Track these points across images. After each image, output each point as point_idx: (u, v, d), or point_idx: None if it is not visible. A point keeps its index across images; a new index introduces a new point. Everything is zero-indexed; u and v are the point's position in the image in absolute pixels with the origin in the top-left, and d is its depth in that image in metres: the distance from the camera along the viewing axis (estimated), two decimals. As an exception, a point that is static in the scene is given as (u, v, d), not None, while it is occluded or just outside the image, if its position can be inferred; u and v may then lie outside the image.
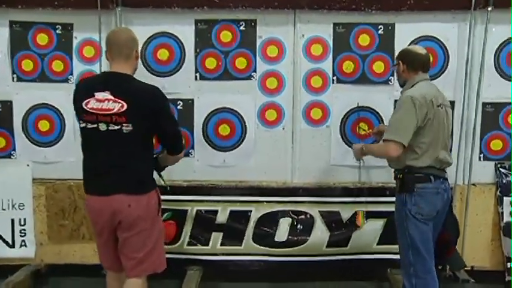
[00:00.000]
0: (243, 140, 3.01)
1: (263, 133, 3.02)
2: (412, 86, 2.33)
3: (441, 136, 2.30)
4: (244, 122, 2.99)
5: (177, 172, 2.95)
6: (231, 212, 3.01)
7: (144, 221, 2.13)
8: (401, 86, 2.44)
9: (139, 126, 2.06)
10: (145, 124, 2.08)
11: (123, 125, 2.04)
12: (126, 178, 2.11)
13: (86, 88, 2.12)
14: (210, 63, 2.94)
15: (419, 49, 2.39)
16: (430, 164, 2.27)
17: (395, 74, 2.63)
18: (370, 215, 2.98)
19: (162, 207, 2.88)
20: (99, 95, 2.04)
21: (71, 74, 2.95)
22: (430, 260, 2.32)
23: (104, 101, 2.03)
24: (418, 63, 2.33)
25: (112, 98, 2.03)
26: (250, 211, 3.00)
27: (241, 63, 2.94)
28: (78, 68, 2.95)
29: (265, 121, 3.00)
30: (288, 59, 2.95)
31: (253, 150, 3.02)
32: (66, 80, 2.94)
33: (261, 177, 3.04)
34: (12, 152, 3.01)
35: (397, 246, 2.46)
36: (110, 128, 2.04)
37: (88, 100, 2.05)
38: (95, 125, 2.06)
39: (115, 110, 2.02)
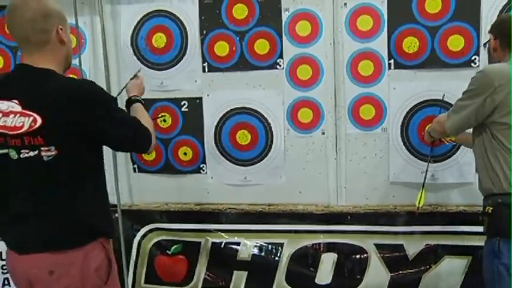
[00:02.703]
0: (269, 150, 3.13)
1: (296, 140, 3.12)
2: None
3: None
4: (270, 126, 3.11)
5: (185, 192, 3.23)
6: (258, 245, 3.17)
7: None
8: None
9: (68, 148, 1.90)
10: (76, 143, 1.91)
11: (42, 149, 1.87)
12: (50, 228, 1.94)
13: None
14: (221, 48, 3.08)
15: None
16: None
17: (485, 53, 2.64)
18: (448, 251, 2.99)
19: (170, 238, 3.24)
20: (1, 105, 1.88)
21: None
22: None
23: (8, 115, 1.86)
24: None
25: (20, 109, 1.85)
26: (282, 244, 3.15)
27: (262, 46, 3.04)
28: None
29: (298, 124, 3.09)
30: (326, 38, 2.99)
31: (283, 163, 3.13)
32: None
33: (295, 199, 3.16)
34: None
35: None
36: (22, 155, 1.88)
37: None
38: (4, 151, 1.91)
39: (25, 128, 1.84)
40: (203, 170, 3.23)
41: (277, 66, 3.04)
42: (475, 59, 2.86)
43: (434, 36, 2.89)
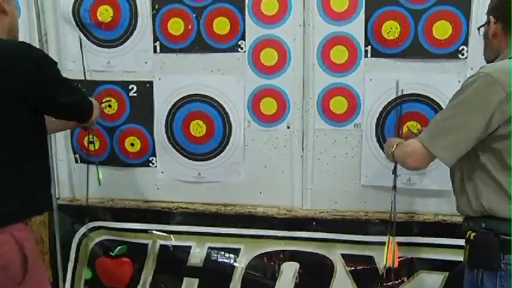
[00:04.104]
0: (226, 144, 2.69)
1: (257, 134, 2.68)
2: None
3: None
4: (228, 117, 2.67)
5: (132, 187, 2.80)
6: (211, 249, 2.78)
7: None
8: (489, 61, 1.90)
9: (5, 117, 1.73)
10: (16, 112, 1.75)
11: None
12: None
13: None
14: (176, 26, 2.61)
15: None
16: None
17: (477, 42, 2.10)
18: (423, 265, 2.60)
19: (114, 238, 2.82)
20: None
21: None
22: None
23: None
24: None
25: None
26: (239, 250, 2.76)
27: (221, 25, 2.58)
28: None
29: (261, 115, 2.65)
30: (295, 18, 2.54)
31: (243, 159, 2.71)
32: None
33: (254, 200, 2.75)
34: None
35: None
36: None
37: None
38: None
39: None
40: (152, 164, 2.77)
41: (239, 49, 2.58)
42: (463, 49, 2.40)
43: (418, 21, 2.41)
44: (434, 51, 2.43)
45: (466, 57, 2.41)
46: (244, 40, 2.58)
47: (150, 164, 2.78)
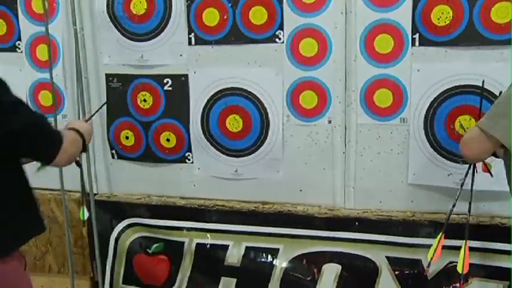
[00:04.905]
0: (264, 140, 2.47)
1: (297, 129, 2.45)
2: None
3: None
4: (266, 112, 2.44)
5: (169, 183, 2.64)
6: (248, 249, 2.58)
7: None
8: None
9: None
10: None
11: None
12: None
13: None
14: (211, 17, 2.40)
15: None
16: None
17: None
18: (479, 272, 2.30)
19: (151, 235, 2.66)
20: None
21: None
22: None
23: None
24: None
25: None
26: (277, 250, 2.54)
27: (258, 15, 2.34)
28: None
29: (300, 110, 2.41)
30: (336, 5, 2.28)
31: (282, 155, 2.48)
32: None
33: (294, 198, 2.52)
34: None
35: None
36: None
37: None
38: None
39: None
40: (189, 160, 2.58)
41: (276, 40, 2.34)
42: (526, 34, 2.10)
43: (473, 6, 2.09)
44: (491, 37, 2.10)
45: (529, 43, 2.10)
46: (283, 30, 2.34)
47: (187, 160, 2.59)
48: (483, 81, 2.02)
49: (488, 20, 2.10)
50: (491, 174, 1.88)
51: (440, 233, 2.06)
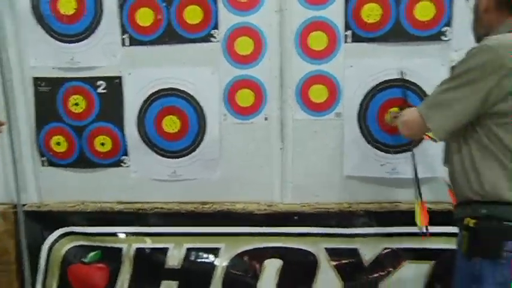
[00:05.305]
0: (201, 140, 2.39)
1: (234, 127, 2.40)
2: None
3: None
4: (203, 111, 2.36)
5: (104, 189, 2.48)
6: (189, 250, 2.48)
7: None
8: (479, 40, 1.67)
9: None
10: None
11: None
12: None
13: None
14: (144, 17, 2.30)
15: None
16: None
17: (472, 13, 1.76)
18: (409, 255, 2.37)
19: (87, 243, 2.47)
20: None
21: None
22: None
23: None
24: None
25: None
26: (219, 249, 2.47)
27: (193, 14, 2.28)
28: None
29: (237, 108, 2.36)
30: (270, 4, 2.27)
31: (219, 155, 2.42)
32: None
33: (233, 196, 2.47)
34: None
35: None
36: None
37: None
38: None
39: None
40: (125, 163, 2.44)
41: (212, 39, 2.28)
42: (446, 30, 2.16)
43: (399, 3, 2.17)
44: (416, 33, 2.19)
45: (449, 39, 2.17)
46: (218, 29, 2.29)
47: (122, 164, 2.46)
48: (402, 72, 2.16)
49: (412, 18, 2.18)
50: (435, 140, 1.96)
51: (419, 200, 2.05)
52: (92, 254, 2.50)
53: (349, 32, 2.23)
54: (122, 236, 2.51)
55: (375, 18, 2.19)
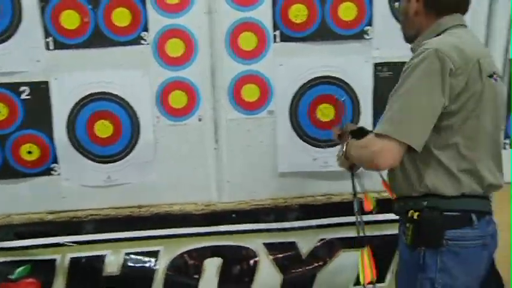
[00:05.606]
0: (135, 143, 2.32)
1: (168, 129, 2.36)
2: (437, 35, 1.66)
3: (491, 134, 1.60)
4: (136, 114, 2.30)
5: (33, 199, 2.34)
6: (128, 255, 2.39)
7: None
8: (410, 40, 1.76)
9: None
10: None
11: None
12: None
13: None
14: (70, 20, 2.18)
15: None
16: (472, 191, 1.59)
17: (401, 15, 1.80)
18: (344, 244, 2.45)
19: (14, 259, 2.32)
20: None
21: None
22: None
23: None
24: None
25: None
26: (158, 252, 2.41)
27: (121, 17, 2.21)
28: None
29: (170, 110, 2.32)
30: (199, 6, 2.25)
31: (154, 157, 2.37)
32: None
33: (170, 198, 2.42)
34: None
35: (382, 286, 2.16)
36: None
37: None
38: None
39: None
40: (55, 171, 2.31)
41: (142, 41, 2.23)
42: (368, 30, 2.26)
43: (324, 3, 2.24)
44: (341, 32, 2.27)
45: (371, 38, 2.27)
46: (147, 31, 2.23)
47: (53, 172, 2.32)
48: (341, 99, 2.13)
49: (337, 18, 2.25)
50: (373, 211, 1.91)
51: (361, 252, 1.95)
52: (19, 269, 2.33)
53: (277, 32, 2.26)
54: (54, 247, 2.36)
55: (302, 19, 2.24)
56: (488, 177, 1.59)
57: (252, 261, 2.44)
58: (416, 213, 1.60)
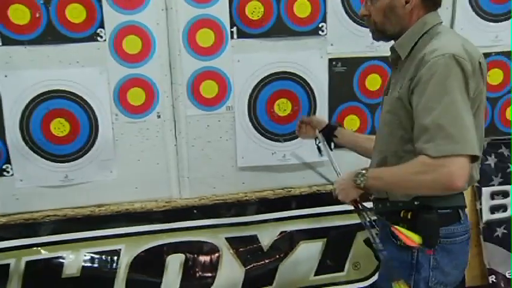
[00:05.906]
0: (94, 141, 2.26)
1: (127, 126, 2.31)
2: (432, 38, 1.52)
3: (482, 131, 1.58)
4: (93, 112, 2.24)
5: None
6: (88, 255, 2.31)
7: None
8: (389, 38, 1.64)
9: None
10: None
11: None
12: None
13: None
14: (19, 15, 2.09)
15: None
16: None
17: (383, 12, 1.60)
18: (303, 236, 2.49)
19: None
20: None
21: None
22: None
23: None
24: None
25: None
26: (119, 251, 2.35)
27: (76, 13, 2.13)
28: None
29: (128, 107, 2.27)
30: (156, 2, 2.21)
31: (113, 155, 2.32)
32: None
33: (130, 196, 2.37)
34: None
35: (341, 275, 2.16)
36: None
37: None
38: None
39: None
40: (7, 172, 2.21)
41: (98, 38, 2.16)
42: (323, 26, 2.30)
43: (280, 1, 2.25)
44: (297, 29, 2.29)
45: (326, 34, 2.31)
46: (104, 28, 2.17)
47: (5, 173, 2.22)
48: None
49: (292, 15, 2.28)
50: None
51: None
52: (-30, 275, 2.25)
53: (234, 29, 2.26)
54: (7, 251, 2.24)
55: (258, 15, 2.25)
56: (475, 175, 1.60)
57: (214, 256, 2.42)
58: (409, 213, 1.57)
